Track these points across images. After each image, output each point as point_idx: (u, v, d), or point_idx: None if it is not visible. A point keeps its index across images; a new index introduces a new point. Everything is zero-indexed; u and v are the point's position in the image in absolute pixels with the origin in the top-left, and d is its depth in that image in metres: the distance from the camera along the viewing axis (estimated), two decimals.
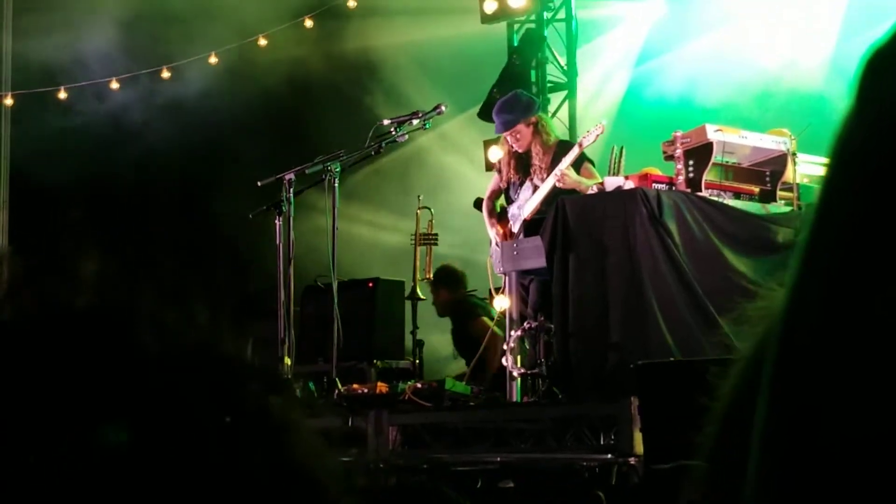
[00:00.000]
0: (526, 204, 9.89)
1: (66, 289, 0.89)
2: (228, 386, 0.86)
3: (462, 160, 14.31)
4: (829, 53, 13.10)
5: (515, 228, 9.99)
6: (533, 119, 10.00)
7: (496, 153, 10.83)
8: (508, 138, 9.98)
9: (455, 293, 11.69)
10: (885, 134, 0.50)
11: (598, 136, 9.84)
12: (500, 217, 10.26)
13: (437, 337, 12.19)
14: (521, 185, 10.01)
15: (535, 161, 9.90)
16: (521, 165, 10.03)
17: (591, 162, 9.98)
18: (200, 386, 0.84)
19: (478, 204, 10.69)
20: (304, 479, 0.85)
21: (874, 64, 0.53)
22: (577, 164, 9.70)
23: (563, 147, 9.97)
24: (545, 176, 9.77)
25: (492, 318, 10.70)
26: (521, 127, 9.93)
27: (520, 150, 9.98)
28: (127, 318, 0.86)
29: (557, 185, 9.60)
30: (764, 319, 0.71)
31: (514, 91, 10.45)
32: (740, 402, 0.65)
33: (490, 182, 10.53)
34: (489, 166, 12.01)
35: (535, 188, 9.84)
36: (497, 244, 10.07)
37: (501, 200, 10.45)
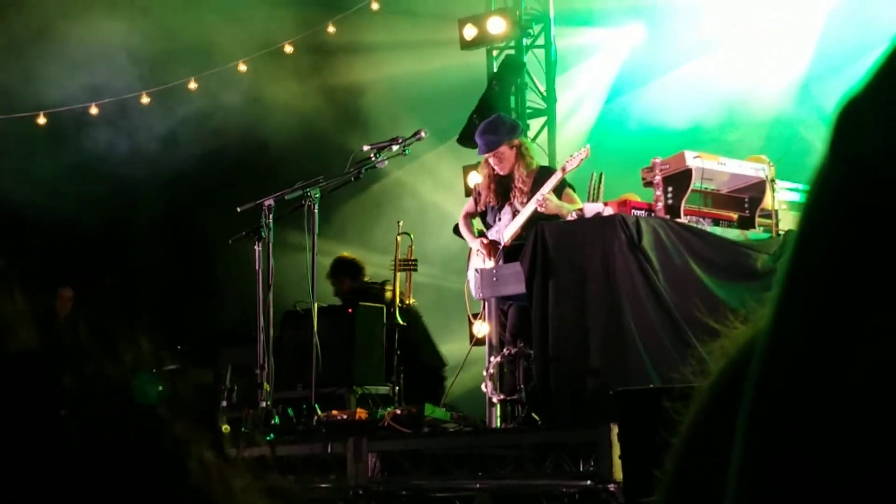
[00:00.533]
0: (506, 229, 9.90)
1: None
2: (146, 428, 0.86)
3: (441, 189, 14.34)
4: (799, 80, 13.20)
5: (489, 245, 10.01)
6: (516, 142, 10.03)
7: (476, 178, 10.83)
8: (491, 160, 10.00)
9: (356, 281, 12.02)
10: (857, 185, 0.51)
11: (582, 159, 9.87)
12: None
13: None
14: (500, 209, 10.02)
15: (518, 184, 9.92)
16: (501, 190, 10.04)
17: (572, 187, 9.99)
18: (115, 426, 0.84)
19: (456, 230, 10.71)
20: None
21: (847, 113, 0.53)
22: (559, 190, 9.74)
23: (544, 172, 10.03)
24: (526, 200, 9.79)
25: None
26: (504, 149, 9.96)
27: (502, 173, 9.99)
28: (48, 358, 0.86)
29: (539, 209, 9.63)
30: (724, 355, 0.73)
31: (497, 114, 10.46)
32: (701, 439, 0.67)
33: (464, 206, 10.51)
34: (469, 192, 12.03)
35: (515, 213, 9.86)
36: (476, 270, 10.07)
37: (478, 224, 10.47)
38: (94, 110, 14.18)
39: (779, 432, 0.52)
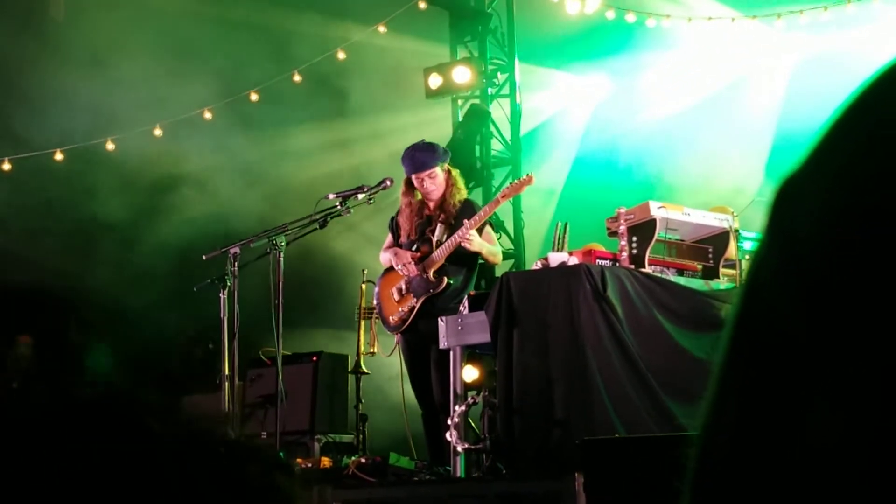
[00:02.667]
0: (427, 259, 9.86)
1: (74, 381, 0.91)
2: (232, 467, 0.87)
3: None
4: (771, 133, 13.29)
5: (421, 263, 9.92)
6: (447, 167, 10.00)
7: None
8: (426, 182, 9.87)
9: None
10: (791, 261, 0.53)
11: (524, 186, 9.88)
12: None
13: (381, 411, 12.17)
14: (420, 238, 9.97)
15: (448, 209, 9.89)
16: (424, 222, 9.99)
17: (493, 226, 9.98)
18: (207, 467, 0.85)
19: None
20: None
21: (784, 192, 0.55)
22: (480, 226, 9.73)
23: (468, 206, 9.96)
24: (448, 229, 9.79)
25: None
26: (438, 170, 9.90)
27: (431, 197, 9.89)
28: (132, 406, 0.88)
29: (462, 244, 9.63)
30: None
31: (422, 141, 10.23)
32: None
33: (386, 241, 10.41)
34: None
35: (438, 243, 9.83)
36: (400, 271, 10.04)
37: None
38: (59, 156, 14.15)
39: None
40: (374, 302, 10.51)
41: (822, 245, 0.51)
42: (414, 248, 9.96)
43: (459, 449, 8.89)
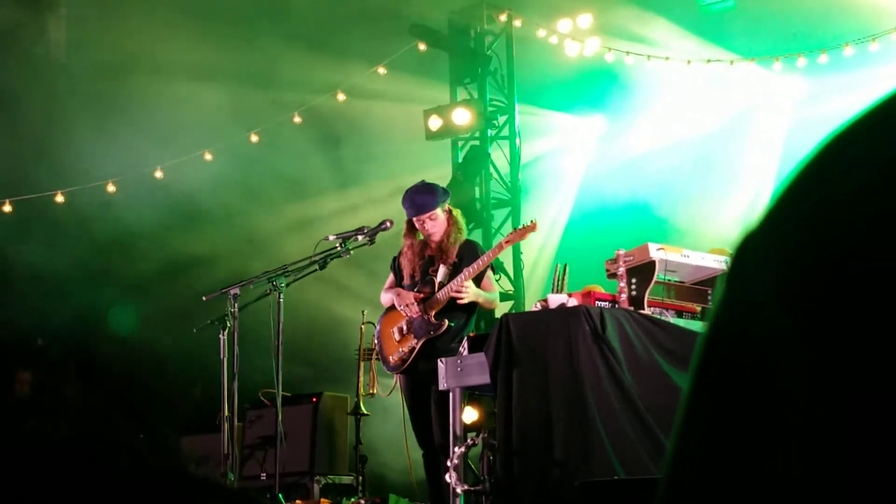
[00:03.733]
0: (429, 301, 9.86)
1: (50, 422, 0.92)
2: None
3: None
4: (774, 173, 13.32)
5: (424, 303, 9.91)
6: (448, 207, 10.00)
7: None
8: (427, 224, 9.86)
9: None
10: (742, 312, 0.56)
11: (528, 233, 9.87)
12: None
13: (380, 452, 12.15)
14: (422, 280, 9.97)
15: (449, 250, 9.89)
16: (425, 260, 9.99)
17: (494, 269, 9.97)
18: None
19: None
20: None
21: (742, 252, 0.58)
22: (481, 272, 9.75)
23: (469, 248, 9.97)
24: (451, 269, 9.79)
25: None
26: (439, 211, 9.89)
27: (433, 238, 9.87)
28: (103, 445, 0.88)
29: (455, 295, 9.65)
30: None
31: (422, 182, 10.21)
32: None
33: (387, 281, 10.39)
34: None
35: (440, 285, 9.83)
36: (399, 325, 10.05)
37: None
38: (59, 198, 14.16)
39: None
40: (375, 342, 10.49)
41: (777, 299, 0.54)
42: (416, 289, 9.96)
43: (459, 490, 8.87)
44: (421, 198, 9.95)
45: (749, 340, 0.56)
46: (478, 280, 9.79)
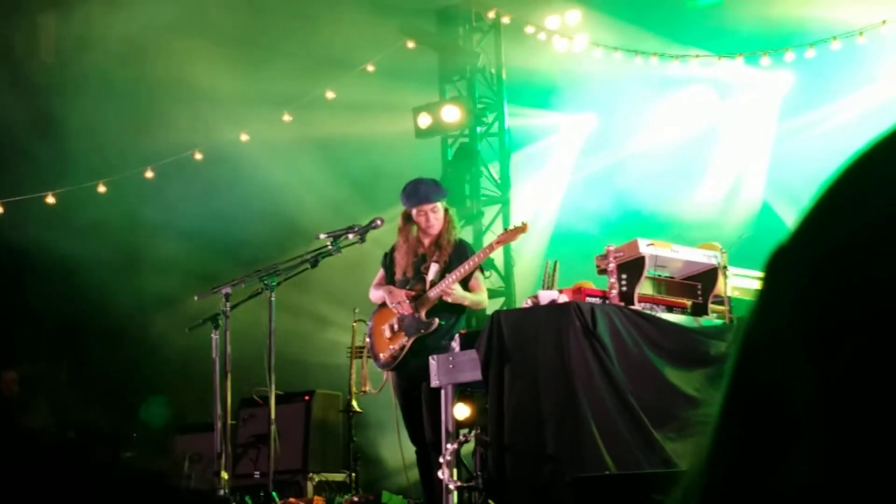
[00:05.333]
0: (433, 289, 9.90)
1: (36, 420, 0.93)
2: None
3: None
4: (763, 173, 13.35)
5: (415, 301, 9.96)
6: (444, 206, 10.04)
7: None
8: (429, 214, 9.89)
9: None
10: (782, 323, 0.55)
11: (519, 235, 9.91)
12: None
13: (373, 449, 12.18)
14: (414, 276, 10.01)
15: (443, 248, 9.94)
16: (420, 256, 10.02)
17: (483, 271, 10.01)
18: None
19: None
20: None
21: (775, 261, 0.57)
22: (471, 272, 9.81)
23: (460, 248, 10.03)
24: (443, 266, 9.84)
25: None
26: (440, 205, 9.95)
27: (431, 231, 9.92)
28: (85, 440, 0.89)
29: (443, 296, 9.71)
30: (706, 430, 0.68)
31: (422, 178, 10.26)
32: None
33: (376, 277, 10.42)
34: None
35: (432, 283, 9.87)
36: (390, 323, 10.10)
37: None
38: (50, 199, 14.15)
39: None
40: (366, 339, 10.51)
41: (813, 311, 0.53)
42: (408, 287, 9.99)
43: (452, 487, 8.90)
44: (425, 188, 9.98)
45: (770, 362, 0.56)
46: (467, 280, 9.81)
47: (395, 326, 10.06)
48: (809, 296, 0.54)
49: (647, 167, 13.84)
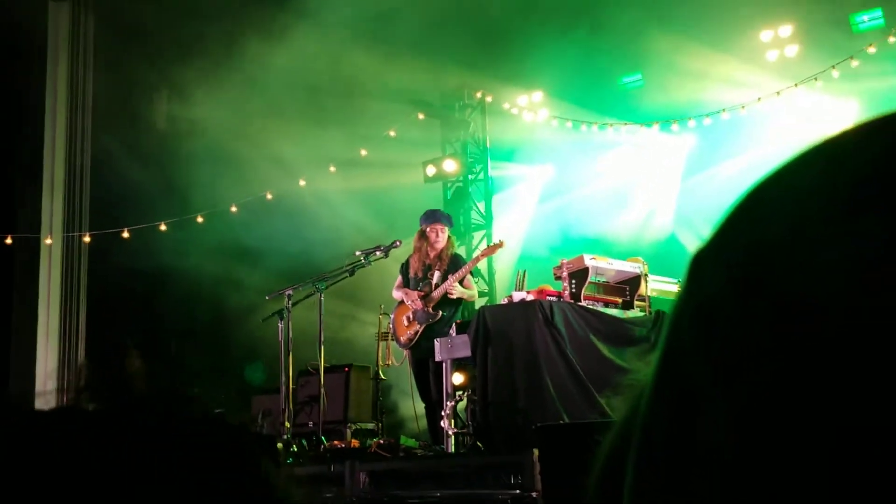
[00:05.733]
0: (434, 291, 9.93)
1: (124, 384, 0.89)
2: (237, 445, 0.84)
3: None
4: (672, 208, 13.35)
5: (423, 299, 10.00)
6: (449, 229, 10.19)
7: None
8: (439, 233, 10.01)
9: None
10: (699, 313, 0.51)
11: (497, 250, 10.04)
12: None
13: (393, 406, 12.14)
14: (424, 278, 10.05)
15: (444, 260, 9.98)
16: (426, 265, 10.09)
17: (472, 274, 10.09)
18: (225, 447, 0.83)
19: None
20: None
21: (696, 261, 0.53)
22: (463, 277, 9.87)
23: (456, 259, 10.08)
24: (443, 272, 9.88)
25: None
26: (447, 228, 10.09)
27: (436, 246, 9.99)
28: (168, 400, 0.85)
29: (448, 294, 9.75)
30: (632, 392, 0.66)
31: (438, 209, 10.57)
32: (614, 465, 0.61)
33: (397, 280, 10.38)
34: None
35: (435, 286, 9.91)
36: (408, 304, 10.09)
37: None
38: (163, 227, 14.11)
39: (651, 483, 0.52)
40: (390, 326, 10.55)
41: (724, 305, 0.50)
42: (419, 288, 10.01)
43: (450, 433, 8.89)
44: (440, 216, 10.25)
45: (680, 342, 0.53)
46: (461, 281, 9.87)
47: (411, 317, 10.08)
48: (710, 292, 0.51)
49: (590, 204, 13.86)
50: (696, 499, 0.48)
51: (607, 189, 13.86)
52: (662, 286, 9.59)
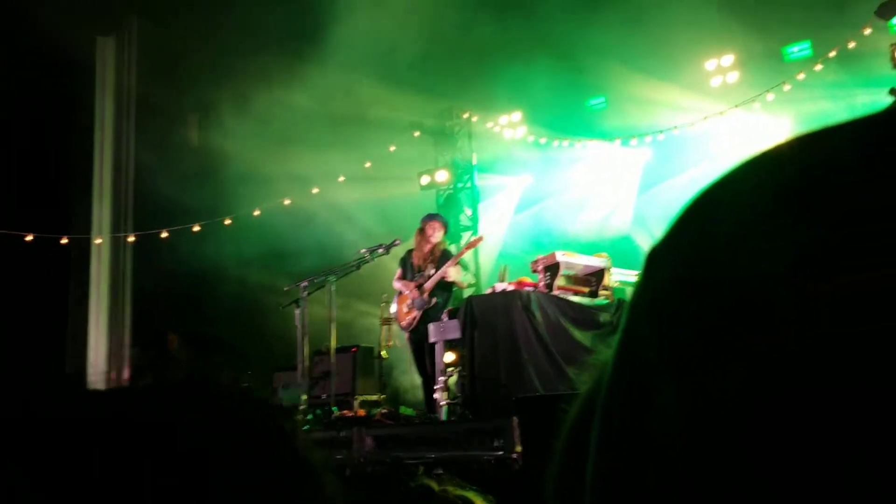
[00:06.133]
0: (429, 281, 9.96)
1: (170, 368, 0.88)
2: (264, 414, 0.83)
3: None
4: (631, 212, 13.37)
5: (419, 289, 10.03)
6: (443, 230, 10.23)
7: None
8: (436, 229, 10.05)
9: None
10: (651, 307, 0.49)
11: (478, 243, 10.13)
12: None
13: (394, 380, 12.13)
14: (419, 270, 10.07)
15: (436, 254, 10.01)
16: (423, 257, 10.10)
17: (464, 266, 10.10)
18: (255, 416, 0.83)
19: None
20: (305, 463, 0.80)
21: (649, 258, 0.51)
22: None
23: (446, 253, 10.15)
24: (435, 265, 9.88)
25: None
26: (441, 228, 10.14)
27: (431, 241, 10.03)
28: (207, 383, 0.84)
29: (445, 278, 9.76)
30: (595, 369, 0.62)
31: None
32: (578, 432, 0.58)
33: (397, 272, 10.41)
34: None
35: (428, 277, 9.93)
36: (406, 295, 10.12)
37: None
38: (196, 228, 14.06)
39: (616, 454, 0.49)
40: (391, 310, 10.57)
41: (671, 298, 0.48)
42: (419, 276, 10.06)
43: (443, 403, 8.89)
44: (437, 216, 10.35)
45: (637, 326, 0.50)
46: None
47: (410, 304, 10.08)
48: (659, 287, 0.49)
49: (561, 208, 13.87)
50: (650, 482, 0.46)
51: (576, 195, 13.89)
52: (623, 277, 9.61)
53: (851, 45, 11.04)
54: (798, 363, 0.42)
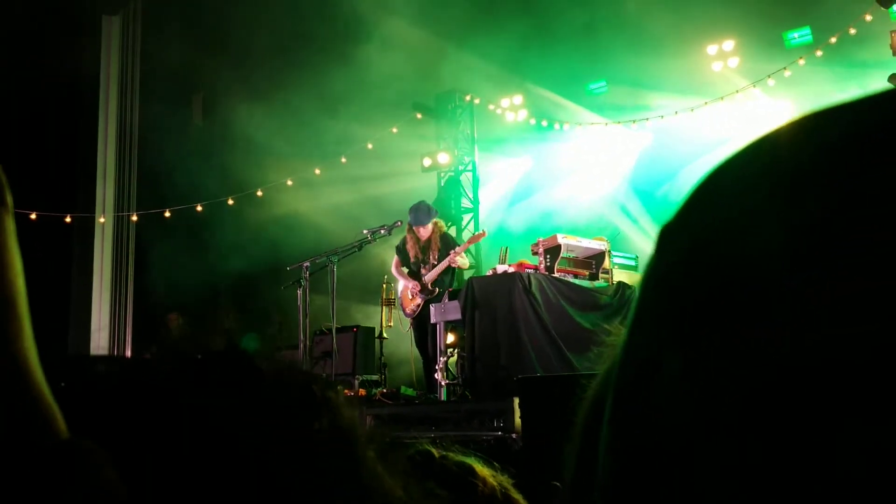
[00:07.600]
0: (430, 272, 9.93)
1: (213, 340, 0.88)
2: (311, 385, 0.84)
3: None
4: (630, 195, 13.35)
5: (421, 285, 10.01)
6: (434, 220, 10.05)
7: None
8: (421, 230, 9.93)
9: None
10: (661, 282, 0.49)
11: (480, 239, 10.08)
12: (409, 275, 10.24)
13: (394, 361, 12.14)
14: (422, 260, 10.02)
15: (434, 245, 9.95)
16: (421, 248, 10.07)
17: (469, 252, 10.11)
18: (298, 388, 0.83)
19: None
20: (348, 431, 0.81)
21: (663, 233, 0.51)
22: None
23: (446, 239, 10.06)
24: (437, 254, 9.85)
25: None
26: (429, 225, 9.97)
27: (423, 237, 9.97)
28: (248, 354, 0.84)
29: (451, 263, 9.74)
30: (613, 348, 0.63)
31: (423, 203, 10.29)
32: (597, 410, 0.58)
33: (394, 259, 10.39)
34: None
35: (433, 265, 9.89)
36: (409, 289, 10.10)
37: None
38: (199, 208, 14.04)
39: (624, 437, 0.49)
40: (393, 296, 10.55)
41: (686, 271, 0.48)
42: (421, 268, 10.04)
43: (443, 384, 8.91)
44: (419, 216, 10.01)
45: (647, 304, 0.50)
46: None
47: (413, 293, 10.09)
48: (670, 261, 0.50)
49: (562, 191, 13.86)
50: (656, 450, 0.46)
51: (577, 178, 13.86)
52: (622, 261, 9.61)
53: (852, 31, 10.99)
54: (792, 357, 0.43)
